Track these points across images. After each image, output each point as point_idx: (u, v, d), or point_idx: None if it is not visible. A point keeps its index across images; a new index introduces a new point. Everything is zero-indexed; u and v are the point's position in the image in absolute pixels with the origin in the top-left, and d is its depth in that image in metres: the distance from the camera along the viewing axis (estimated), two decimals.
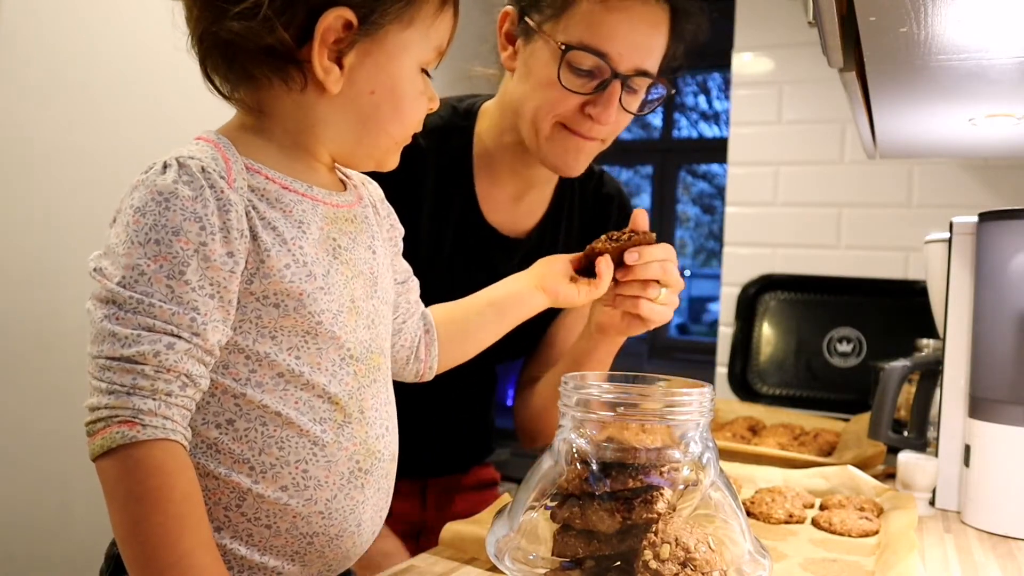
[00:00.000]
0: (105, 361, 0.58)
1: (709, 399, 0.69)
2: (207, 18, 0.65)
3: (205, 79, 0.69)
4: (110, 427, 0.57)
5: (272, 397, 0.65)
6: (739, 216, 2.27)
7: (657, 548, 0.62)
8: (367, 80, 0.68)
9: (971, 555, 0.94)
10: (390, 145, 0.73)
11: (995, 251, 1.09)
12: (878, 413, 1.20)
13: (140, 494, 0.57)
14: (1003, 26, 0.80)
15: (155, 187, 0.60)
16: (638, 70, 0.98)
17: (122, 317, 0.58)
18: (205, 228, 0.60)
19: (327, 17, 0.64)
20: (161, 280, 0.59)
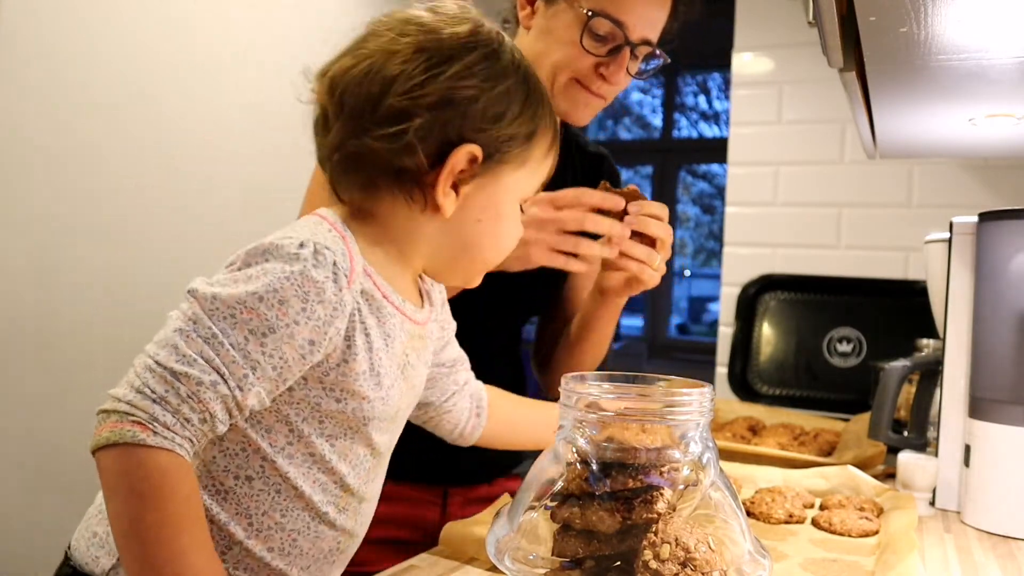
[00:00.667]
0: (154, 364, 0.60)
1: (709, 399, 0.69)
2: (348, 131, 0.70)
3: (330, 182, 0.74)
4: (123, 423, 0.58)
5: (297, 471, 0.69)
6: (739, 216, 2.27)
7: (657, 548, 0.62)
8: (478, 209, 0.73)
9: (971, 555, 0.94)
10: (480, 268, 0.78)
11: (995, 251, 1.09)
12: (878, 413, 1.20)
13: (142, 491, 0.58)
14: (1003, 26, 0.80)
15: (287, 257, 0.64)
16: (644, 39, 1.09)
17: (191, 338, 0.61)
18: (306, 311, 0.64)
19: (461, 150, 0.70)
20: (243, 330, 0.62)
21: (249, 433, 0.67)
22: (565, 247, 0.95)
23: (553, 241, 0.95)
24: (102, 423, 0.59)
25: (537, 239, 0.94)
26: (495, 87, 0.71)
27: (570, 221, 0.95)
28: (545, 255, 0.95)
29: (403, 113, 0.68)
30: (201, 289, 0.63)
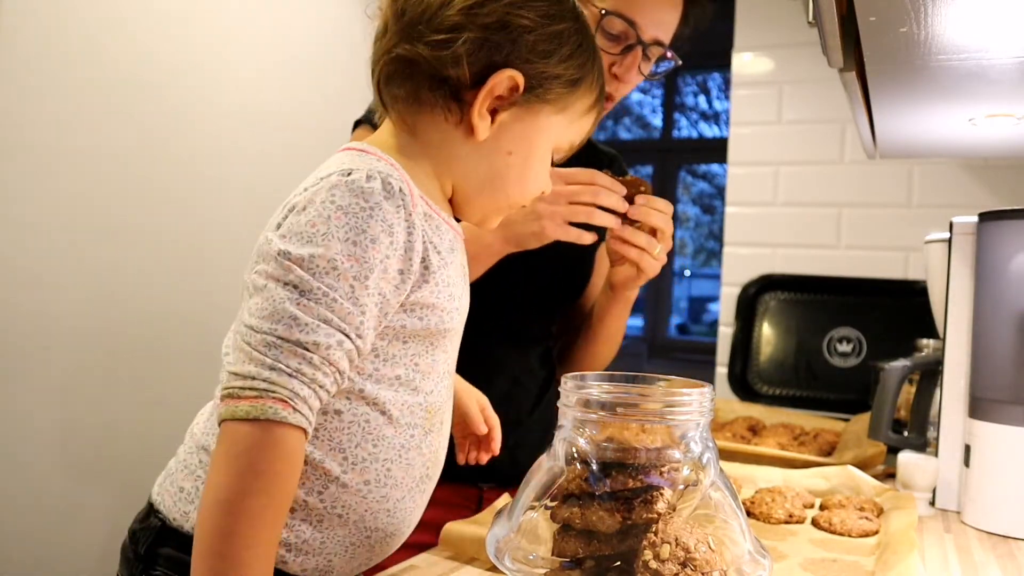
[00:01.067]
0: (276, 340, 0.61)
1: (709, 399, 0.69)
2: (402, 36, 0.71)
3: (375, 88, 0.75)
4: (263, 399, 0.60)
5: (386, 394, 0.70)
6: (739, 216, 2.27)
7: (657, 548, 0.62)
8: (509, 141, 0.74)
9: (971, 555, 0.94)
10: (502, 206, 0.79)
11: (995, 251, 1.09)
12: (878, 413, 1.20)
13: (263, 471, 0.59)
14: (1003, 26, 0.80)
15: (362, 193, 0.65)
16: (656, 40, 1.12)
17: (305, 304, 0.62)
18: (393, 243, 0.66)
19: (502, 74, 0.71)
20: (348, 278, 0.63)
21: None
22: (578, 218, 0.97)
23: (566, 212, 0.97)
24: (235, 395, 0.60)
25: (551, 211, 0.97)
26: (550, 25, 0.72)
27: (583, 193, 0.97)
28: (559, 228, 0.97)
29: (457, 26, 0.69)
30: (293, 250, 0.63)
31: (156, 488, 0.75)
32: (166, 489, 0.73)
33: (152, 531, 0.72)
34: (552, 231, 0.98)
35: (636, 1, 1.09)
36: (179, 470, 0.73)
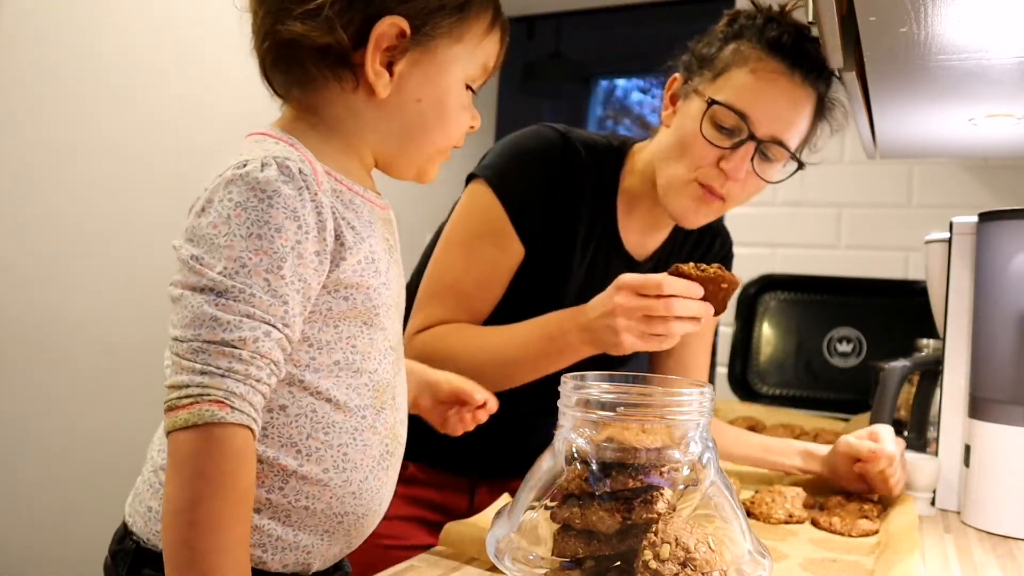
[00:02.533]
0: (201, 344, 0.60)
1: (709, 399, 0.69)
2: (272, 18, 0.69)
3: (263, 79, 0.73)
4: (200, 403, 0.59)
5: (327, 382, 0.69)
6: (739, 216, 2.27)
7: (657, 548, 0.62)
8: (415, 89, 0.71)
9: (971, 555, 0.94)
10: (432, 154, 0.76)
11: (995, 251, 1.09)
12: (878, 413, 1.20)
13: (210, 474, 0.58)
14: (1003, 26, 0.80)
15: (257, 184, 0.63)
16: (774, 138, 1.05)
17: (223, 304, 0.61)
18: (302, 227, 0.64)
19: (382, 23, 0.68)
20: (260, 273, 0.62)
21: None
22: (656, 331, 0.94)
23: (644, 327, 0.94)
24: (174, 407, 0.59)
25: (627, 326, 0.94)
26: None
27: (657, 307, 0.92)
28: (638, 342, 0.95)
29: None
30: (203, 256, 0.62)
31: (128, 508, 0.74)
32: (136, 509, 0.72)
33: (129, 554, 0.71)
34: (631, 345, 0.95)
35: (749, 95, 1.04)
36: (145, 489, 0.72)
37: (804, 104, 1.07)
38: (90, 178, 1.64)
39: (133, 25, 1.70)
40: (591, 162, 1.14)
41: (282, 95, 0.73)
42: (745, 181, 1.07)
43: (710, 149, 1.05)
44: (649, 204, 1.16)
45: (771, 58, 1.04)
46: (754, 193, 1.12)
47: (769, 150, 1.07)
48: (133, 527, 0.72)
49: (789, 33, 1.05)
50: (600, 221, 1.15)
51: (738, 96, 1.04)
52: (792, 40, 1.04)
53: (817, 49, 1.05)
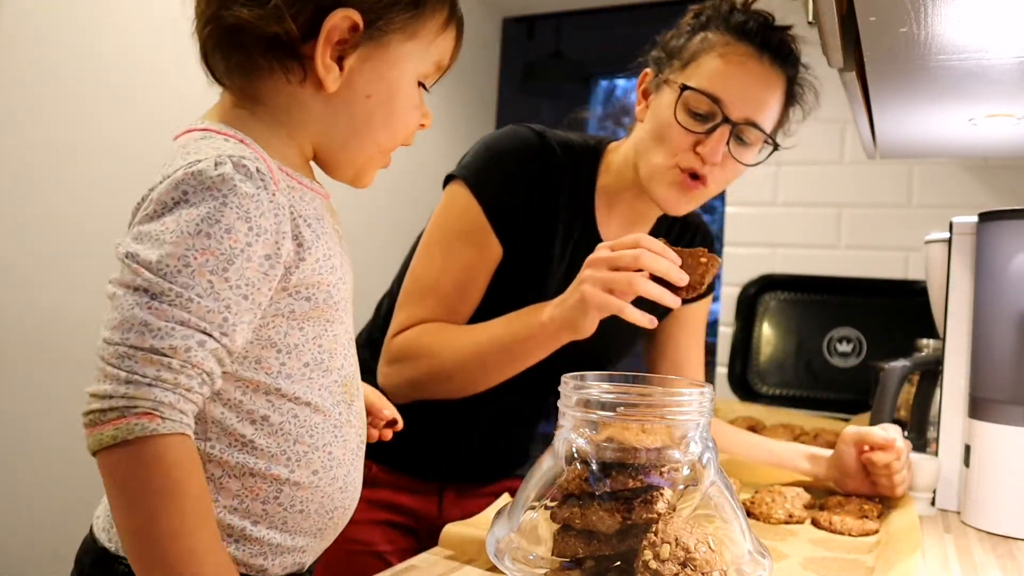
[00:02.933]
0: (128, 349, 0.57)
1: (709, 399, 0.69)
2: (216, 2, 0.66)
3: (203, 63, 0.70)
4: (126, 417, 0.56)
5: (301, 386, 0.67)
6: (739, 216, 2.27)
7: (657, 548, 0.62)
8: (365, 84, 0.69)
9: (971, 555, 0.94)
10: (373, 154, 0.73)
11: (995, 251, 1.09)
12: (878, 413, 1.20)
13: (159, 488, 0.56)
14: (1003, 26, 0.80)
15: (212, 183, 0.60)
16: (748, 120, 1.07)
17: (156, 308, 0.57)
18: (253, 229, 0.61)
19: (334, 16, 0.65)
20: (204, 274, 0.59)
21: (243, 375, 0.64)
22: (619, 284, 0.90)
23: (605, 278, 0.91)
24: (98, 422, 0.56)
25: (590, 277, 0.92)
26: None
27: (626, 258, 0.90)
28: (598, 295, 0.91)
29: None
30: (141, 253, 0.59)
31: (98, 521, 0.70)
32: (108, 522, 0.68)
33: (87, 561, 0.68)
34: (591, 296, 0.91)
35: (720, 79, 1.05)
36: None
37: (775, 86, 1.08)
38: (90, 178, 1.64)
39: (133, 25, 1.70)
40: (567, 161, 1.14)
41: (221, 81, 0.70)
42: (724, 165, 1.08)
43: (686, 135, 1.07)
44: (628, 202, 1.17)
45: (739, 42, 1.06)
46: (733, 178, 1.13)
47: (744, 133, 1.08)
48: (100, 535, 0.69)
49: (755, 19, 1.07)
50: (579, 220, 1.15)
51: (710, 81, 1.06)
52: (758, 25, 1.07)
53: (783, 36, 1.08)
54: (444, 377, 1.05)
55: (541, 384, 1.22)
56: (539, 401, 1.26)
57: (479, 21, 2.93)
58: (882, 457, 1.07)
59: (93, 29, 1.64)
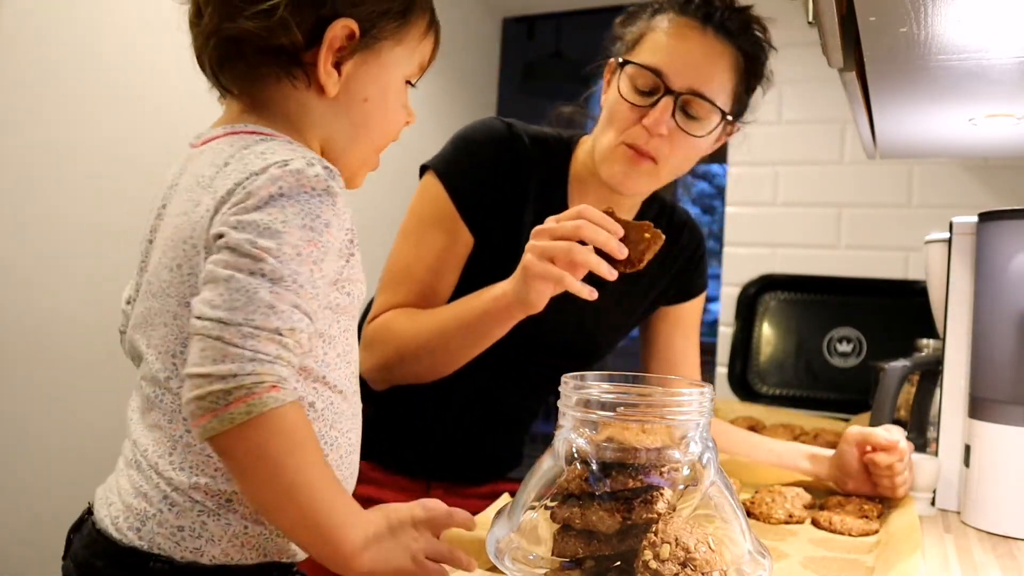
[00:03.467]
0: (253, 329, 0.60)
1: (709, 399, 0.69)
2: (220, 16, 0.70)
3: (210, 75, 0.74)
4: (256, 393, 0.59)
5: (336, 374, 0.72)
6: (739, 216, 2.27)
7: (657, 548, 0.62)
8: (362, 88, 0.75)
9: (971, 555, 0.94)
10: (368, 155, 0.80)
11: (995, 251, 1.09)
12: (878, 413, 1.20)
13: (295, 444, 0.61)
14: (1003, 26, 0.80)
15: (308, 181, 0.65)
16: (691, 90, 1.06)
17: (277, 292, 0.62)
18: (341, 226, 0.68)
19: (335, 26, 0.71)
20: (308, 263, 0.64)
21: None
22: (557, 252, 0.89)
23: (545, 247, 0.90)
24: (221, 403, 0.59)
25: (532, 247, 0.92)
26: None
27: (567, 228, 0.90)
28: (537, 264, 0.91)
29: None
30: (261, 241, 0.62)
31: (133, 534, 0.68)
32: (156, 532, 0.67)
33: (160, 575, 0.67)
34: (531, 266, 0.91)
35: (661, 52, 1.06)
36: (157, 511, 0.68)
37: (720, 57, 1.07)
38: (90, 178, 1.64)
39: (134, 24, 1.70)
40: (537, 152, 1.16)
41: (230, 91, 0.74)
42: (672, 140, 1.07)
43: (632, 110, 1.07)
44: (599, 192, 1.17)
45: (682, 16, 1.07)
46: (689, 155, 1.12)
47: (692, 106, 1.07)
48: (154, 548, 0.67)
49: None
50: (550, 209, 1.14)
51: (652, 55, 1.07)
52: (703, 1, 1.07)
53: (730, 10, 1.08)
54: (412, 358, 1.06)
55: (529, 380, 1.24)
56: (528, 398, 1.27)
57: (479, 21, 2.92)
58: (885, 459, 1.07)
59: (93, 28, 1.64)
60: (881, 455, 1.08)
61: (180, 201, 0.71)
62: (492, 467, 1.27)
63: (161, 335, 0.70)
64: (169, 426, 0.69)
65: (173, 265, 0.69)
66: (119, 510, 0.70)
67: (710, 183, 4.55)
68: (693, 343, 1.32)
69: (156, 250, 0.72)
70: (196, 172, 0.71)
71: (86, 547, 0.71)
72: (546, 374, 1.27)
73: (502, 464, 1.28)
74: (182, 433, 0.68)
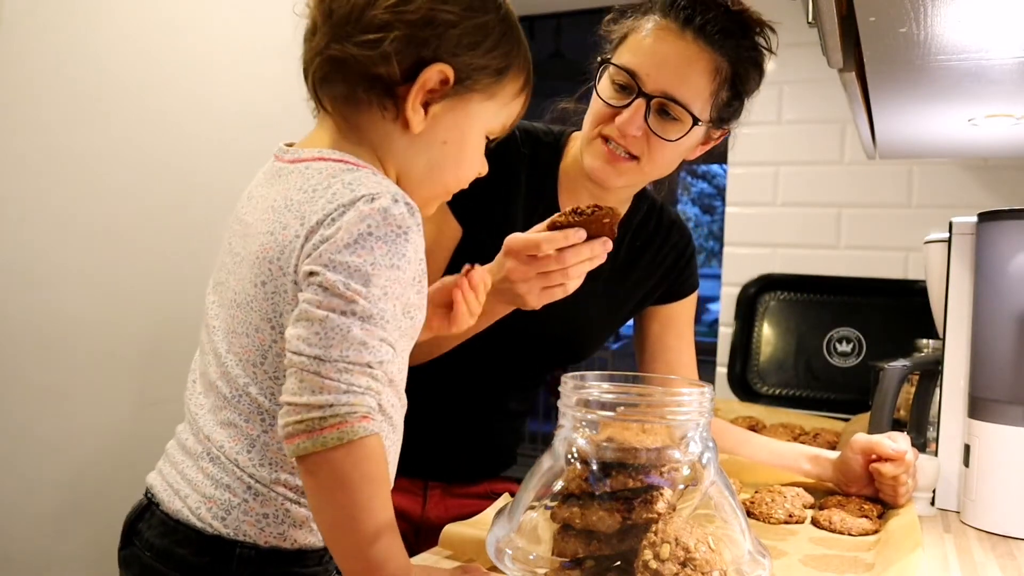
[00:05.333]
0: (348, 365, 0.65)
1: (709, 399, 0.69)
2: (331, 37, 0.74)
3: (310, 90, 0.78)
4: (348, 422, 0.64)
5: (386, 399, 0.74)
6: (739, 216, 2.27)
7: (657, 548, 0.62)
8: (444, 131, 0.78)
9: (971, 555, 0.94)
10: (439, 193, 0.83)
11: (995, 251, 1.09)
12: (878, 413, 1.20)
13: (373, 475, 0.66)
14: (1003, 26, 0.80)
15: (394, 220, 0.69)
16: (664, 93, 1.05)
17: (369, 329, 0.67)
18: (419, 261, 0.72)
19: (432, 69, 0.73)
20: (392, 299, 0.69)
21: None
22: (555, 283, 0.94)
23: (544, 283, 0.95)
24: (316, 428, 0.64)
25: (528, 289, 0.95)
26: (474, 18, 0.75)
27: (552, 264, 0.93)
28: (541, 297, 0.96)
29: (385, 25, 0.72)
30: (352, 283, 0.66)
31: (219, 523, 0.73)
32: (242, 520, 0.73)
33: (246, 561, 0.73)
34: (538, 302, 0.96)
35: (638, 53, 1.07)
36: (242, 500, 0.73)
37: (696, 61, 1.05)
38: (90, 178, 1.64)
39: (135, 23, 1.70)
40: (528, 147, 1.17)
41: (325, 107, 0.77)
42: (650, 141, 1.07)
43: (607, 108, 1.08)
44: (588, 188, 1.18)
45: (663, 19, 1.07)
46: (670, 157, 1.11)
47: (667, 109, 1.06)
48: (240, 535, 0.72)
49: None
50: (541, 203, 1.17)
51: (631, 56, 1.07)
52: (688, 3, 1.06)
53: (723, 17, 1.06)
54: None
55: (520, 379, 1.25)
56: (519, 397, 1.27)
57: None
58: (891, 470, 1.07)
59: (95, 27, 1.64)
60: (888, 466, 1.07)
61: (267, 219, 0.74)
62: (487, 466, 1.28)
63: (243, 344, 0.74)
64: (245, 425, 0.73)
65: (258, 282, 0.73)
66: (198, 501, 0.74)
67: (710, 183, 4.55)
68: (687, 342, 1.33)
69: (243, 263, 0.75)
70: (283, 192, 0.74)
71: (163, 535, 0.75)
72: (536, 373, 1.27)
73: (497, 463, 1.29)
74: (259, 433, 0.73)
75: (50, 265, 1.59)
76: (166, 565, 0.74)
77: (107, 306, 1.67)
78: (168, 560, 0.74)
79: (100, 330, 1.66)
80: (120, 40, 1.68)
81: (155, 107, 1.75)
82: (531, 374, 1.26)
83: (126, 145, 1.70)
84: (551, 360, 1.25)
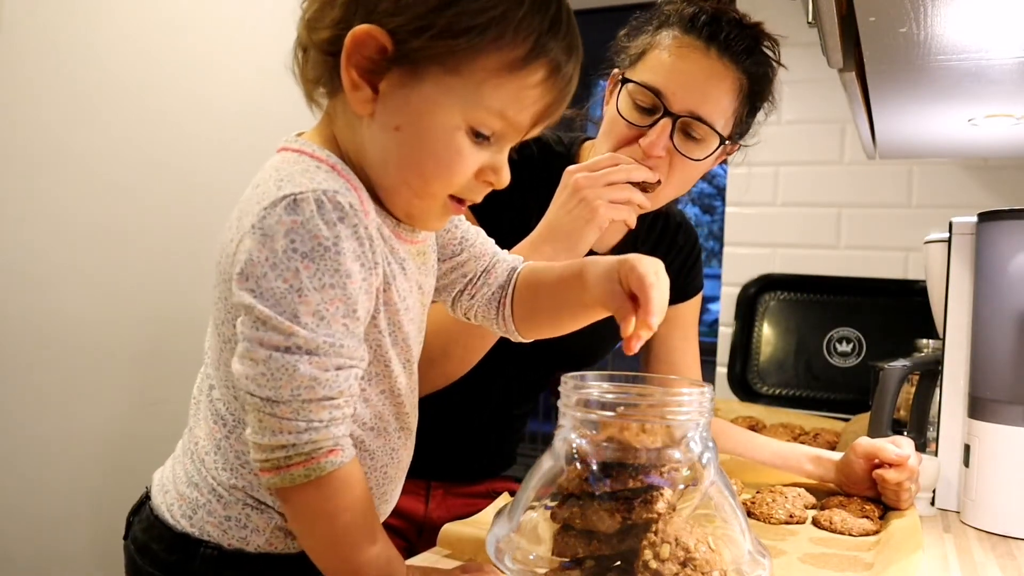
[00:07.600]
0: (303, 404, 0.61)
1: (709, 399, 0.69)
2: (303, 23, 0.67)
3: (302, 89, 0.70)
4: (315, 459, 0.62)
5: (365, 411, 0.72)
6: (739, 216, 2.27)
7: (657, 548, 0.62)
8: (394, 112, 0.63)
9: (971, 555, 0.94)
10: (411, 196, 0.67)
11: (995, 251, 1.09)
12: (878, 413, 1.20)
13: (348, 504, 0.64)
14: (1003, 26, 0.80)
15: (319, 231, 0.60)
16: (691, 113, 1.03)
17: (318, 361, 0.61)
18: (365, 265, 0.63)
19: (358, 31, 0.60)
20: (335, 321, 0.62)
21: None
22: (621, 197, 0.99)
23: (608, 192, 0.98)
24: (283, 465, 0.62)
25: (598, 194, 0.98)
26: None
27: (617, 172, 0.99)
28: (611, 208, 0.99)
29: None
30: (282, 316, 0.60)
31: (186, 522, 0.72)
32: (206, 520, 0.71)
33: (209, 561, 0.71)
34: (605, 212, 0.98)
35: (662, 72, 1.03)
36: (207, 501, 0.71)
37: (721, 79, 1.03)
38: (90, 178, 1.64)
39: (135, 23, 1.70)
40: (541, 158, 1.16)
41: (310, 98, 0.69)
42: (673, 161, 1.05)
43: (629, 128, 1.05)
44: None
45: (686, 35, 1.04)
46: (691, 176, 1.09)
47: (691, 128, 1.04)
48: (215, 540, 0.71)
49: (707, 13, 1.04)
50: None
51: (653, 74, 1.04)
52: (709, 19, 1.03)
53: (736, 31, 1.04)
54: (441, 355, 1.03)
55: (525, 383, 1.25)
56: (523, 399, 1.27)
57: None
58: (895, 476, 1.06)
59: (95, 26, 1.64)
60: (891, 472, 1.07)
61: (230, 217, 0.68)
62: (488, 466, 1.28)
63: (210, 344, 0.72)
64: (213, 427, 0.71)
65: (217, 283, 0.68)
66: (174, 498, 0.73)
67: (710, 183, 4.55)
68: (692, 344, 1.32)
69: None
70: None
71: (144, 531, 0.75)
72: (542, 377, 1.27)
73: (497, 463, 1.29)
74: (222, 438, 0.71)
75: (50, 265, 1.59)
76: (143, 560, 0.73)
77: (107, 306, 1.67)
78: (145, 555, 0.73)
79: (100, 330, 1.66)
80: (120, 40, 1.68)
81: (155, 107, 1.75)
82: (537, 378, 1.26)
83: (126, 145, 1.70)
84: (558, 365, 1.25)
